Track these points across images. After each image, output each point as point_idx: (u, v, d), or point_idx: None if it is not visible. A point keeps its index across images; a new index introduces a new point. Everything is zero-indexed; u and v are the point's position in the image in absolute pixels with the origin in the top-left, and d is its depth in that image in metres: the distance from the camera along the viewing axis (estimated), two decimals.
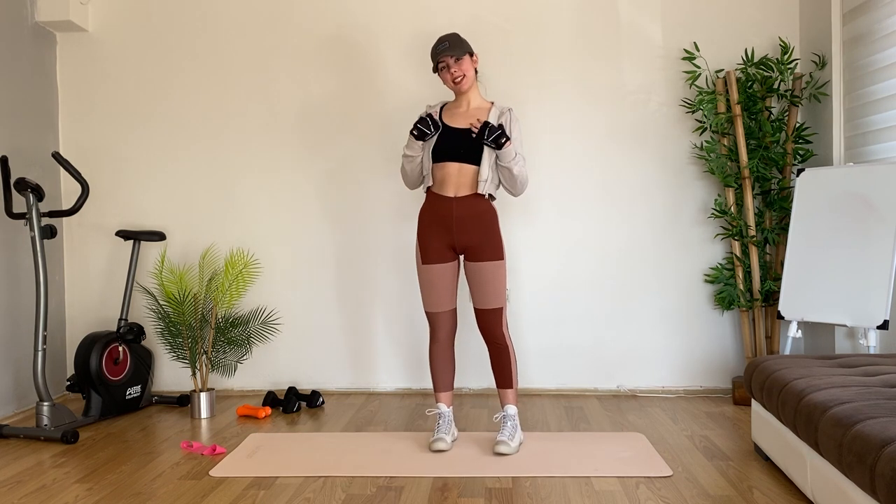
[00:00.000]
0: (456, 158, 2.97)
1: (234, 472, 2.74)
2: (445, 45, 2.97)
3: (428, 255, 3.01)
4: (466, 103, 3.04)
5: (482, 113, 3.03)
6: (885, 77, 3.21)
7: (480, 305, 3.00)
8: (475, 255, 2.98)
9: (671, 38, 3.91)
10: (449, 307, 3.05)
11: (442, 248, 3.01)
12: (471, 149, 2.95)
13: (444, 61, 2.97)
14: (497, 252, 2.99)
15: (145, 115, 4.08)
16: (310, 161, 4.04)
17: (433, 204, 3.02)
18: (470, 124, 2.92)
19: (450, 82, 2.99)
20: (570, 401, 3.81)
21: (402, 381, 4.05)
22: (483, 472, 2.69)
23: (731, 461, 2.81)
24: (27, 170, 3.72)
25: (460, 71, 2.97)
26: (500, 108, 3.04)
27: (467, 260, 3.02)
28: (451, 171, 2.98)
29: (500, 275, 2.99)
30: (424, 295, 3.05)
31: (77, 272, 4.11)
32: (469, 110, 3.03)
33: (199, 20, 4.05)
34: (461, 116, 3.03)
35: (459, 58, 2.97)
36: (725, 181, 3.73)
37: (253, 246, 4.03)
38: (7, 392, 3.60)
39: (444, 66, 2.98)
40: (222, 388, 4.05)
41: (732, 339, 3.93)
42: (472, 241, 2.98)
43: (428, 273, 3.02)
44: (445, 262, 3.01)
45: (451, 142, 2.97)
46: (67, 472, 2.78)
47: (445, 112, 3.06)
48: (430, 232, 3.02)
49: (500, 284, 2.99)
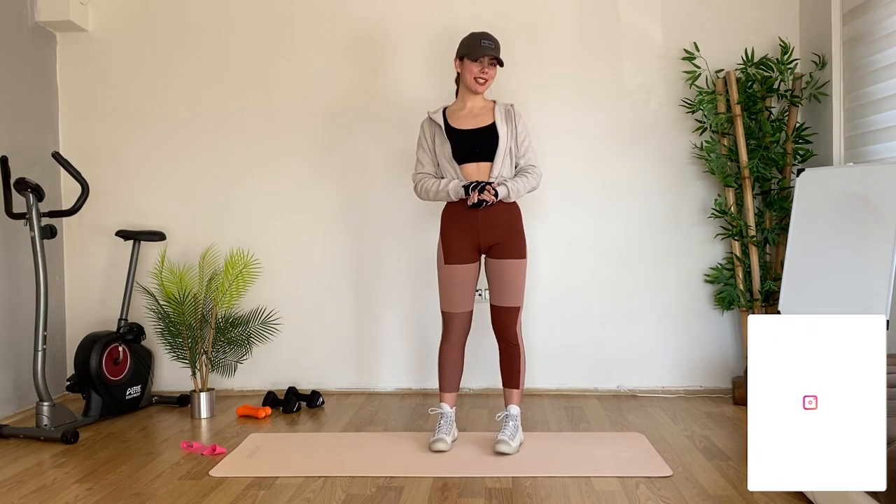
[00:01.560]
0: (473, 159, 2.98)
1: (234, 472, 2.74)
2: (491, 44, 2.98)
3: (451, 255, 3.00)
4: (471, 104, 3.05)
5: (485, 111, 3.03)
6: (885, 77, 3.21)
7: (498, 303, 3.00)
8: (499, 252, 2.98)
9: (671, 38, 3.91)
10: (466, 308, 3.04)
11: (466, 248, 3.00)
12: (484, 148, 2.97)
13: (483, 60, 2.96)
14: (521, 250, 3.00)
15: (145, 115, 4.08)
16: (310, 161, 4.04)
17: (458, 204, 3.02)
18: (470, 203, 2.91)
19: (471, 79, 2.98)
20: (570, 401, 3.81)
21: (403, 381, 4.05)
22: (483, 472, 2.69)
23: (731, 461, 2.81)
24: (27, 170, 3.72)
25: (489, 75, 2.99)
26: (503, 106, 3.04)
27: (490, 257, 3.01)
28: (470, 171, 2.99)
29: (521, 273, 2.99)
30: (443, 294, 3.05)
31: (77, 272, 4.11)
32: (473, 110, 3.04)
33: (200, 20, 4.05)
34: (465, 117, 3.03)
35: (494, 63, 3.00)
36: (725, 181, 3.73)
37: (253, 246, 4.03)
38: (7, 392, 3.60)
39: (479, 63, 2.96)
40: (222, 388, 4.05)
41: (732, 339, 3.93)
42: (497, 238, 2.97)
43: (450, 273, 3.01)
44: (468, 262, 3.01)
45: (464, 144, 2.98)
46: (67, 472, 2.78)
47: (449, 116, 3.06)
48: (455, 231, 3.01)
49: (520, 283, 3.00)
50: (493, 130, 2.98)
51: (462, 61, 3.01)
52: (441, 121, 3.04)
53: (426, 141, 3.10)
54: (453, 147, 2.99)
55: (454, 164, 3.00)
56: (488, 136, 2.97)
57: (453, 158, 2.99)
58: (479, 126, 3.00)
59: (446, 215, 3.05)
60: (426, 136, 3.10)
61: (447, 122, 3.03)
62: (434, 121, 3.06)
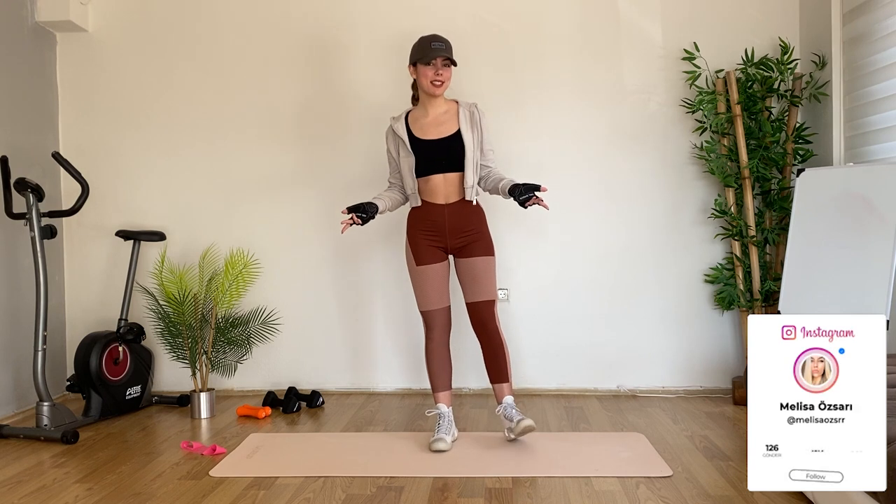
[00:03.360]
0: (439, 170, 3.00)
1: (234, 472, 2.74)
2: (441, 45, 2.97)
3: (421, 257, 3.05)
4: (433, 110, 3.04)
5: (449, 117, 3.04)
6: (885, 77, 3.21)
7: (473, 298, 3.02)
8: (467, 252, 3.03)
9: (671, 38, 3.91)
10: (444, 304, 3.08)
11: (434, 250, 3.05)
12: (451, 158, 2.99)
13: (436, 62, 2.96)
14: (488, 248, 3.04)
15: (145, 115, 4.08)
16: (310, 161, 4.04)
17: (424, 210, 3.05)
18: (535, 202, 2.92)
19: (427, 83, 2.98)
20: (570, 401, 3.81)
21: (402, 381, 4.05)
22: (483, 472, 2.69)
23: (731, 461, 2.81)
24: (27, 170, 3.72)
25: (444, 76, 2.98)
26: (466, 107, 3.05)
27: (458, 257, 3.05)
28: (437, 182, 3.02)
29: (490, 269, 3.03)
30: (419, 294, 3.08)
31: (77, 272, 4.11)
32: (437, 117, 3.04)
33: (199, 20, 4.05)
34: (429, 126, 3.04)
35: (448, 64, 2.99)
36: (725, 181, 3.73)
37: (253, 246, 4.03)
38: (7, 392, 3.60)
39: (432, 66, 2.96)
40: (222, 388, 4.05)
41: (732, 339, 3.93)
42: (464, 240, 3.03)
43: (423, 273, 3.05)
44: (438, 261, 3.05)
45: (430, 154, 3.00)
46: (67, 472, 2.78)
47: (412, 123, 3.06)
48: (422, 236, 3.06)
49: (491, 277, 3.03)
50: (459, 139, 2.99)
51: (416, 67, 3.01)
52: (404, 132, 3.03)
53: (391, 152, 3.13)
54: (418, 159, 3.00)
55: (414, 177, 3.02)
56: (453, 146, 2.99)
57: (415, 172, 3.01)
58: (444, 136, 3.00)
59: (412, 221, 3.09)
60: (391, 146, 3.12)
61: (410, 132, 3.03)
62: (397, 133, 3.06)
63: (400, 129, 3.05)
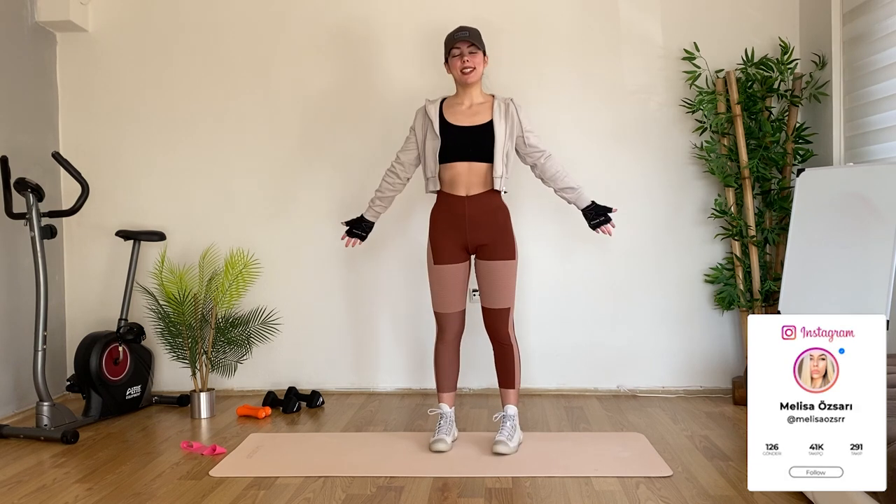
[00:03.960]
0: (465, 158, 2.94)
1: (234, 472, 2.74)
2: (465, 33, 2.94)
3: (440, 256, 2.99)
4: (469, 100, 3.01)
5: (484, 108, 2.99)
6: (885, 77, 3.21)
7: (489, 304, 2.99)
8: (488, 253, 2.96)
9: (671, 38, 3.91)
10: (458, 308, 3.03)
11: (454, 248, 2.98)
12: (479, 146, 2.93)
13: (459, 48, 2.93)
14: (509, 251, 2.97)
15: (145, 115, 4.08)
16: (310, 160, 4.04)
17: (445, 203, 3.00)
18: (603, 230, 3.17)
19: (458, 70, 2.95)
20: (570, 401, 3.81)
21: (402, 381, 4.05)
22: (483, 472, 2.69)
23: (731, 461, 2.81)
24: (27, 170, 3.72)
25: (472, 62, 2.94)
26: (502, 101, 3.01)
27: (479, 258, 3.00)
28: (460, 170, 2.95)
29: (510, 274, 2.98)
30: (435, 295, 3.03)
31: (77, 272, 4.11)
32: (472, 107, 3.00)
33: (199, 20, 4.05)
34: (463, 113, 3.00)
35: (475, 50, 2.95)
36: (725, 181, 3.73)
37: (253, 246, 4.03)
38: (7, 392, 3.60)
39: (457, 53, 2.94)
40: (222, 388, 4.05)
41: (732, 339, 3.93)
42: (485, 239, 2.96)
43: (439, 273, 3.00)
44: (457, 262, 2.99)
45: (458, 140, 2.94)
46: (67, 472, 2.78)
47: (446, 108, 3.02)
48: (443, 232, 2.99)
49: (510, 284, 2.98)
50: (490, 129, 2.95)
51: (448, 62, 3.00)
52: (436, 115, 2.99)
53: (416, 131, 3.06)
54: (444, 144, 2.95)
55: (437, 162, 2.97)
56: (483, 136, 2.93)
57: (438, 156, 2.96)
58: (476, 124, 2.96)
59: (434, 216, 3.04)
60: (417, 126, 3.06)
61: (443, 116, 3.00)
62: (428, 115, 3.01)
63: (432, 111, 3.00)
